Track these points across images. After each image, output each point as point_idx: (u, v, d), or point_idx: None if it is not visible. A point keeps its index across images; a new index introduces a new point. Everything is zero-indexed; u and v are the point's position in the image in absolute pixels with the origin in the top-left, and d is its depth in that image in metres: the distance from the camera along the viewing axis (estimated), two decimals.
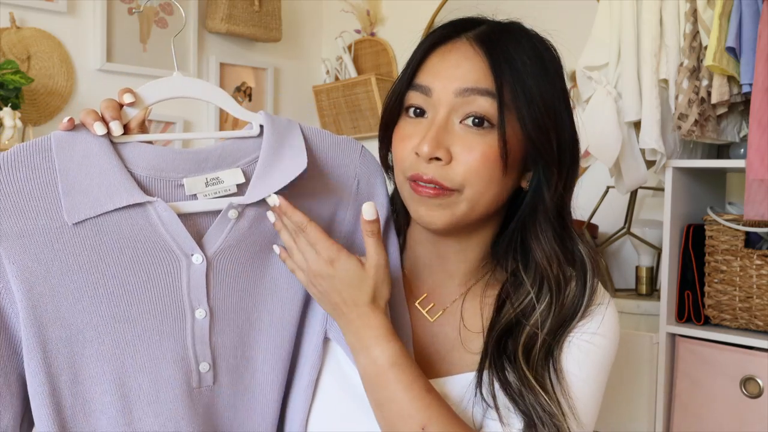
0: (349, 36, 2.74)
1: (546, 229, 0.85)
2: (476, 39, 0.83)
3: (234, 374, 0.81)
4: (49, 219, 0.72)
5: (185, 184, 0.77)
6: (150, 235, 0.75)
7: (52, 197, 0.72)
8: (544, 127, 0.81)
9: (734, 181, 1.83)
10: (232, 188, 0.79)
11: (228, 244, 0.79)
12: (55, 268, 0.72)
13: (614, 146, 1.60)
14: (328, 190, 0.85)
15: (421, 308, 0.90)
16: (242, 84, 2.70)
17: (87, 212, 0.72)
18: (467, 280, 0.91)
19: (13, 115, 1.95)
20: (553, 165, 0.83)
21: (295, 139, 0.82)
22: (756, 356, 1.48)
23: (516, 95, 0.80)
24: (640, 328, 1.69)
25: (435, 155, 0.79)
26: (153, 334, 0.76)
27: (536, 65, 0.82)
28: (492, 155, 0.80)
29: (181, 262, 0.77)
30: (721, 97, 1.49)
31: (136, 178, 0.75)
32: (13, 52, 2.16)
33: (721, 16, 1.46)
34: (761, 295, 1.51)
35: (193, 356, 0.78)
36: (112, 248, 0.74)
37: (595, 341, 0.85)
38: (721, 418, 1.52)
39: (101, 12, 2.31)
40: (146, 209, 0.74)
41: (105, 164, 0.73)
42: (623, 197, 1.89)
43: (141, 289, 0.76)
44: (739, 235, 1.54)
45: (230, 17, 2.52)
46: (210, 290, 0.78)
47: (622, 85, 1.62)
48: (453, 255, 0.89)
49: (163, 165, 0.76)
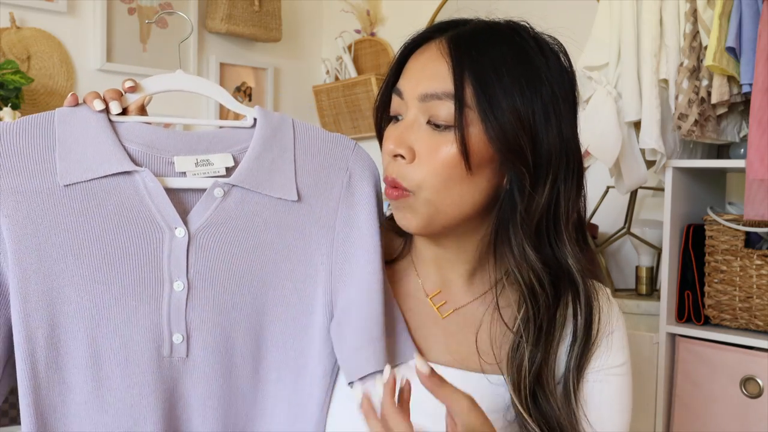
0: (349, 36, 2.74)
1: (517, 234, 0.83)
2: (448, 41, 0.82)
3: (210, 351, 0.82)
4: (44, 180, 0.78)
5: (175, 162, 0.82)
6: (136, 204, 0.80)
7: (49, 161, 0.78)
8: (511, 131, 0.78)
9: (734, 181, 1.83)
10: (221, 170, 0.83)
11: (212, 222, 0.82)
12: (44, 226, 0.77)
13: (614, 146, 1.60)
14: (320, 181, 0.86)
15: (433, 304, 0.90)
16: (242, 84, 2.70)
17: (78, 176, 0.78)
18: (476, 281, 0.90)
19: (13, 115, 1.95)
20: (526, 170, 0.80)
21: (286, 133, 0.86)
22: (756, 356, 1.48)
23: (479, 98, 0.78)
24: (640, 328, 1.69)
25: (397, 152, 0.81)
26: (129, 299, 0.80)
27: (511, 67, 0.79)
28: (453, 156, 0.79)
29: (164, 234, 0.80)
30: (721, 97, 1.49)
31: (129, 151, 0.80)
32: (13, 52, 2.16)
33: (721, 16, 1.46)
34: (761, 295, 1.51)
35: (167, 325, 0.81)
36: (99, 213, 0.79)
37: (622, 371, 0.89)
38: (721, 418, 1.52)
39: (101, 12, 2.31)
40: (134, 179, 0.79)
41: (101, 136, 0.80)
42: (623, 197, 1.89)
43: (123, 254, 0.79)
44: (739, 235, 1.54)
45: (230, 17, 2.52)
46: (190, 264, 0.81)
47: (622, 85, 1.62)
48: (452, 255, 0.89)
49: (156, 142, 0.82)
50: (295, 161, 0.86)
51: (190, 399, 0.82)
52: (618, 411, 0.89)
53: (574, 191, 0.84)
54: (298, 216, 0.85)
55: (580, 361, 0.85)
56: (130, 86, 0.84)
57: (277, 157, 0.85)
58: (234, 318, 0.83)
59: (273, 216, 0.84)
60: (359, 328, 0.83)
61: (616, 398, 0.89)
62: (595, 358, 0.87)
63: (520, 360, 0.83)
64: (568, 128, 0.82)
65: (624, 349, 0.90)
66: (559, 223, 0.84)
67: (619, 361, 0.89)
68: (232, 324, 0.83)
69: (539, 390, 0.83)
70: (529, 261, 0.83)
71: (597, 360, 0.88)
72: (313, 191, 0.85)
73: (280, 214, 0.84)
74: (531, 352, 0.83)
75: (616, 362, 0.88)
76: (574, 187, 0.84)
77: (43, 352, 0.78)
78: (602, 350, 0.88)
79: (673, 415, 1.60)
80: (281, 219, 0.84)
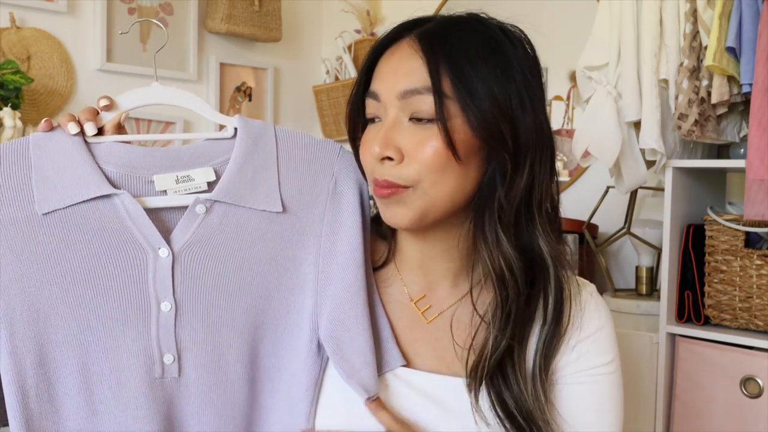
0: (349, 36, 2.74)
1: (493, 222, 0.84)
2: (417, 37, 0.82)
3: (203, 369, 0.81)
4: (22, 210, 0.77)
5: (155, 181, 0.80)
6: (117, 227, 0.79)
7: (26, 190, 0.77)
8: (492, 118, 0.79)
9: (734, 181, 1.83)
10: (202, 185, 0.82)
11: (196, 239, 0.81)
12: (25, 256, 0.77)
13: (614, 146, 1.60)
14: (305, 189, 0.85)
15: (417, 308, 0.90)
16: (242, 84, 2.70)
17: (56, 203, 0.77)
18: (460, 282, 0.90)
19: (13, 115, 1.95)
20: (507, 156, 0.82)
21: (268, 142, 0.85)
22: (756, 356, 1.48)
23: (457, 88, 0.79)
24: (640, 328, 1.69)
25: (386, 155, 0.80)
26: (117, 323, 0.79)
27: (484, 56, 0.80)
28: (441, 147, 0.79)
29: (148, 255, 0.79)
30: (721, 97, 1.49)
31: (107, 174, 0.79)
32: (13, 52, 2.16)
33: (721, 16, 1.46)
34: (761, 295, 1.51)
35: (157, 347, 0.80)
36: (80, 239, 0.78)
37: (611, 369, 0.89)
38: (721, 418, 1.52)
39: (101, 12, 2.31)
40: (113, 202, 0.78)
41: (76, 160, 0.78)
42: (623, 197, 1.89)
43: (107, 278, 0.79)
44: (739, 235, 1.54)
45: (230, 17, 2.52)
46: (176, 284, 0.80)
47: (622, 85, 1.62)
48: (441, 254, 0.89)
49: (135, 162, 0.80)
50: (278, 171, 0.84)
51: (186, 417, 0.82)
52: (609, 410, 0.89)
53: (548, 175, 0.85)
54: (284, 227, 0.83)
55: (549, 344, 0.85)
56: (105, 104, 0.83)
57: (260, 167, 0.83)
58: (225, 334, 0.82)
59: (258, 229, 0.83)
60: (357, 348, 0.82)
61: (606, 396, 0.89)
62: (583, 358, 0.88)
63: (483, 343, 0.84)
64: (541, 112, 0.84)
65: (611, 346, 0.90)
66: (532, 207, 0.85)
67: (606, 359, 0.89)
68: (224, 340, 0.82)
69: (499, 376, 0.83)
70: (501, 247, 0.83)
71: (584, 360, 0.88)
72: (298, 200, 0.84)
73: (266, 227, 0.83)
74: (495, 338, 0.84)
75: (603, 361, 0.89)
76: (548, 171, 0.85)
77: (33, 382, 0.77)
78: (589, 349, 0.88)
79: (673, 415, 1.60)
80: (266, 231, 0.83)
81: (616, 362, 0.90)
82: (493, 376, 0.83)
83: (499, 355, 0.83)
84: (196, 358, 0.81)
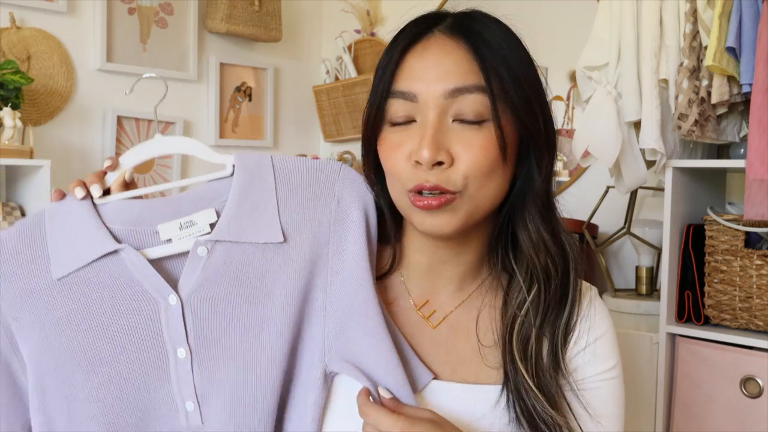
0: (349, 36, 2.74)
1: (534, 216, 0.84)
2: (451, 30, 0.80)
3: (226, 414, 0.80)
4: (41, 278, 0.80)
5: (159, 231, 0.82)
6: (126, 281, 0.80)
7: (44, 259, 0.81)
8: (533, 110, 0.80)
9: (734, 181, 1.83)
10: (205, 228, 0.82)
11: (202, 283, 0.80)
12: (47, 321, 0.79)
13: (614, 146, 1.60)
14: (307, 215, 0.83)
15: (422, 315, 0.89)
16: (242, 84, 2.70)
17: (69, 267, 0.80)
18: (465, 286, 0.90)
19: (13, 115, 1.95)
20: (543, 147, 0.82)
21: (265, 173, 0.84)
22: (756, 356, 1.48)
23: (504, 83, 0.77)
24: (640, 328, 1.69)
25: (438, 159, 0.76)
26: (137, 375, 0.80)
27: (513, 47, 0.80)
28: (491, 149, 0.77)
29: (159, 304, 0.80)
30: (721, 97, 1.49)
31: (114, 232, 0.81)
32: (13, 52, 2.16)
33: (721, 16, 1.46)
34: (761, 295, 1.51)
35: (179, 395, 0.80)
36: (95, 297, 0.80)
37: (614, 374, 0.89)
38: (721, 418, 1.52)
39: (101, 12, 2.31)
40: (120, 257, 0.80)
41: (85, 223, 0.81)
42: (623, 197, 1.89)
43: (124, 332, 0.80)
44: (739, 235, 1.54)
45: (230, 17, 2.52)
46: (188, 330, 0.80)
47: (622, 85, 1.62)
48: (452, 259, 0.88)
49: (139, 217, 0.82)
50: (277, 201, 0.83)
51: None
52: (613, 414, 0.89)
53: (552, 168, 0.86)
54: (289, 256, 0.82)
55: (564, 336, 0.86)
56: (108, 165, 0.85)
57: (258, 200, 0.82)
58: (242, 375, 0.81)
59: (263, 262, 0.81)
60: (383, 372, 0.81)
61: (610, 401, 0.89)
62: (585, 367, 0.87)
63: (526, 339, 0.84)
64: (547, 106, 0.84)
65: (613, 352, 0.90)
66: (551, 198, 0.86)
67: (609, 365, 0.89)
68: (242, 382, 0.81)
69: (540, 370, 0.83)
70: (543, 240, 0.84)
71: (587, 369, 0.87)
72: (300, 227, 0.83)
73: (270, 259, 0.81)
74: (537, 333, 0.84)
75: (606, 367, 0.88)
76: (553, 162, 0.86)
77: None
78: (588, 358, 0.87)
79: (673, 415, 1.60)
80: (271, 263, 0.81)
81: (619, 368, 0.90)
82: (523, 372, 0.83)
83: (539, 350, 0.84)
84: (216, 404, 0.80)
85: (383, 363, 0.80)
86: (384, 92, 0.81)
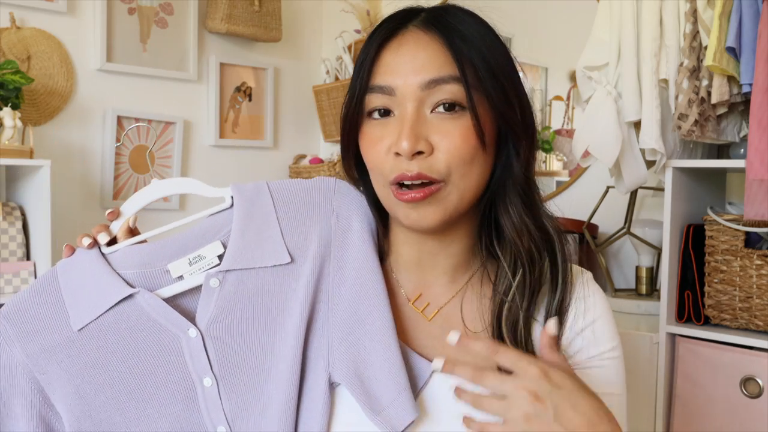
0: (349, 36, 2.74)
1: (515, 201, 0.85)
2: (425, 24, 0.81)
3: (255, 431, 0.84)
4: (63, 332, 0.83)
5: (170, 269, 0.84)
6: (145, 321, 0.83)
7: (62, 313, 0.83)
8: (509, 99, 0.81)
9: (734, 181, 1.83)
10: (214, 261, 0.85)
11: (218, 313, 0.83)
12: (75, 371, 0.83)
13: (614, 146, 1.60)
14: (309, 232, 0.86)
15: (416, 308, 0.90)
16: (242, 84, 2.70)
17: (87, 317, 0.83)
18: (458, 277, 0.90)
19: (13, 115, 1.95)
20: (521, 135, 0.83)
21: (263, 199, 0.87)
22: (756, 356, 1.48)
23: (479, 73, 0.79)
24: (640, 328, 1.69)
25: (417, 149, 0.78)
26: (170, 408, 0.84)
27: (488, 39, 0.81)
28: (470, 136, 0.79)
29: (180, 339, 0.83)
30: (721, 97, 1.49)
31: (125, 278, 0.84)
32: (13, 52, 2.16)
33: (721, 16, 1.46)
34: (761, 295, 1.51)
35: (209, 423, 0.83)
36: (117, 342, 0.83)
37: (617, 353, 0.89)
38: (721, 418, 1.52)
39: (101, 12, 2.31)
40: (136, 300, 0.83)
41: (96, 273, 0.84)
42: (623, 197, 1.89)
43: (151, 369, 0.83)
44: (739, 235, 1.54)
45: (230, 17, 2.52)
46: (211, 359, 0.83)
47: (622, 85, 1.62)
48: (439, 251, 0.89)
49: (147, 260, 0.85)
50: (279, 223, 0.86)
51: None
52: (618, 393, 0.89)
53: (531, 154, 0.87)
54: (297, 274, 0.84)
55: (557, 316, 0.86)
56: (110, 212, 0.87)
57: (261, 225, 0.85)
58: (269, 397, 0.83)
59: (275, 284, 0.84)
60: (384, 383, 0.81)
61: (615, 379, 0.89)
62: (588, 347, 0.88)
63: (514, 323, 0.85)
64: (519, 84, 0.85)
65: (613, 332, 0.90)
66: (532, 183, 0.87)
67: (612, 344, 0.89)
68: (268, 403, 0.83)
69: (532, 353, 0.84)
70: (527, 226, 0.85)
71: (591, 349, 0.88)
72: (304, 245, 0.85)
73: (281, 280, 0.84)
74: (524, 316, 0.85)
75: (609, 346, 0.89)
76: (533, 149, 0.87)
77: None
78: (589, 339, 0.88)
79: (673, 415, 1.60)
80: (283, 284, 0.84)
81: (619, 349, 0.91)
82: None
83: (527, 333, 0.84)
84: (247, 424, 0.83)
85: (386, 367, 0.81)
86: (362, 88, 0.83)
